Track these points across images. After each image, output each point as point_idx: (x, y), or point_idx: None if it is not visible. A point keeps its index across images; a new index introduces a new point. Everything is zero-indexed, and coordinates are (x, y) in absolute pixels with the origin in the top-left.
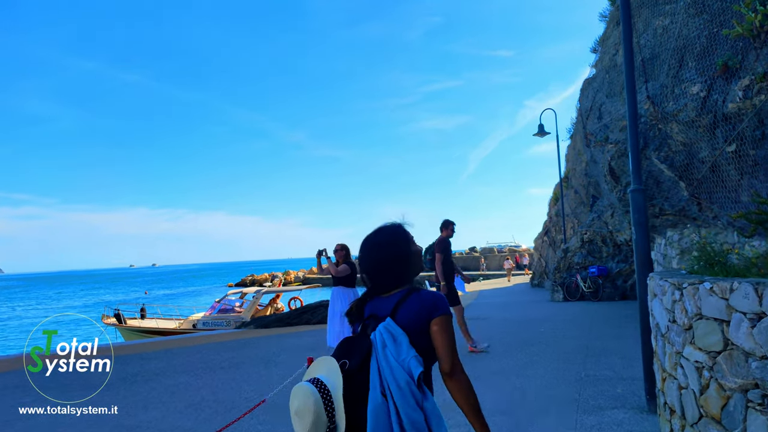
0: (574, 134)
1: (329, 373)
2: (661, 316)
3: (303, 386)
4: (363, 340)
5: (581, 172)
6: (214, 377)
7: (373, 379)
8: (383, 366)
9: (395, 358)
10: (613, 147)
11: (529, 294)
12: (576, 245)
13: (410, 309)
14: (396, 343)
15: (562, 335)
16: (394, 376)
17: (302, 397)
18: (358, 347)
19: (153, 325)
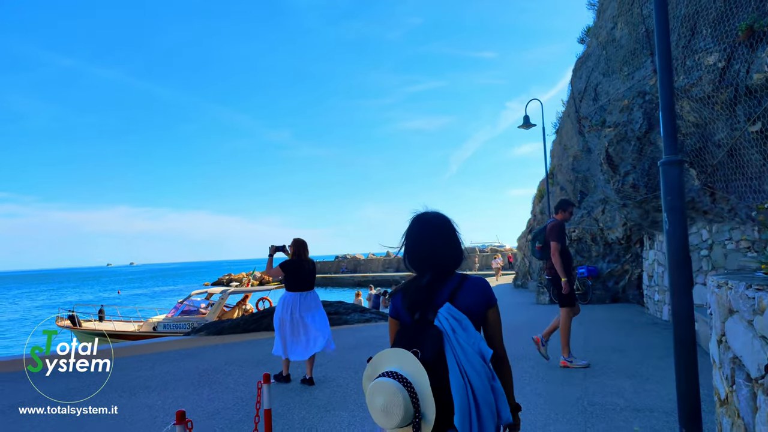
0: (560, 129)
1: (406, 365)
2: (751, 350)
3: (385, 382)
4: (428, 328)
5: (567, 168)
6: (123, 402)
7: (452, 365)
8: (458, 351)
9: (466, 342)
10: (611, 131)
11: (513, 295)
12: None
13: (469, 295)
14: (463, 327)
15: (555, 347)
16: (470, 360)
17: (389, 394)
18: (428, 336)
19: (110, 328)
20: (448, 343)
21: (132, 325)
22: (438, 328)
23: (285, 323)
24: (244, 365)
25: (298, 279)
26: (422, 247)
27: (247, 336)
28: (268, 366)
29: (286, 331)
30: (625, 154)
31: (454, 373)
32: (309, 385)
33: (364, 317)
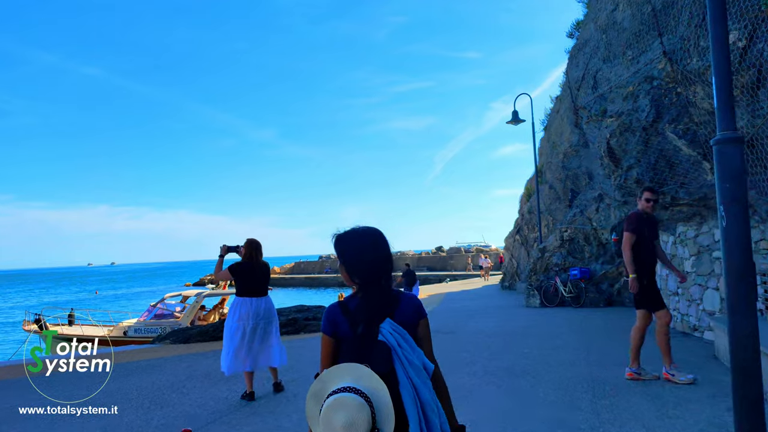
0: (549, 126)
1: (364, 379)
2: None
3: (348, 398)
4: (375, 342)
5: (557, 165)
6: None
7: (402, 379)
8: (406, 365)
9: (412, 356)
10: (613, 121)
11: (500, 297)
12: (554, 244)
13: (405, 309)
14: (407, 341)
15: (554, 359)
16: (417, 374)
17: (353, 410)
18: (377, 351)
19: (77, 333)
20: (396, 358)
21: (102, 329)
22: (385, 342)
23: (237, 332)
24: (206, 381)
25: (249, 283)
26: (367, 262)
27: (217, 344)
28: (232, 382)
29: (237, 342)
30: (628, 146)
31: (405, 387)
32: (278, 391)
33: None
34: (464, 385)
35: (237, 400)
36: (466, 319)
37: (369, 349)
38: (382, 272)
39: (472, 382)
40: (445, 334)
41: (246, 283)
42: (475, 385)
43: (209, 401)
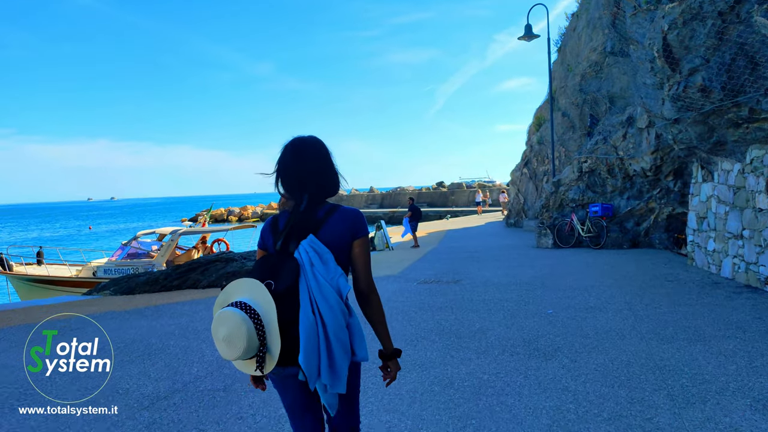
0: (563, 47)
1: (256, 296)
2: None
3: (230, 312)
4: (287, 259)
5: (573, 89)
6: None
7: (304, 299)
8: (312, 285)
9: (323, 276)
10: (675, 6)
11: (506, 236)
12: (571, 177)
13: (335, 226)
14: (323, 261)
15: (591, 326)
16: (324, 295)
17: (232, 325)
18: (285, 267)
19: (44, 273)
20: (303, 276)
21: (71, 269)
22: (296, 260)
23: None
24: (139, 360)
25: None
26: (292, 173)
27: (167, 297)
28: (181, 357)
29: None
30: (694, 40)
31: (305, 308)
32: None
33: None
34: (474, 372)
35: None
36: (471, 264)
37: (279, 266)
38: (307, 185)
39: (486, 367)
40: (448, 285)
41: None
42: (491, 373)
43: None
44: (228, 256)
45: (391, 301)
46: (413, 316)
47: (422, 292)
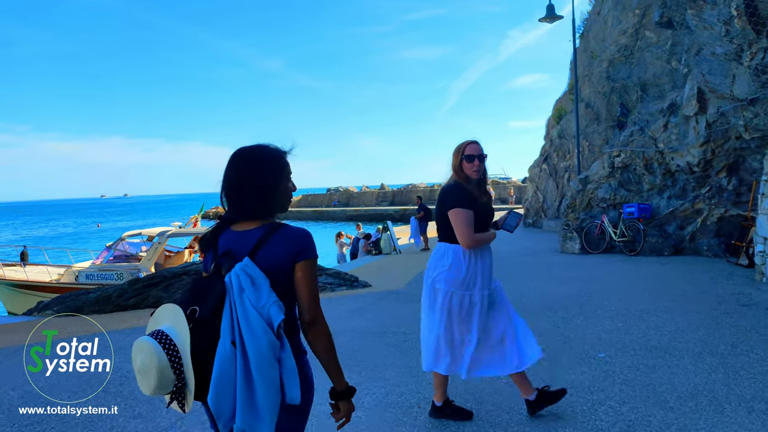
0: (585, 33)
1: (175, 323)
2: None
3: (144, 342)
4: (216, 282)
5: (600, 77)
6: None
7: (225, 327)
8: (239, 313)
9: (253, 304)
10: None
11: (525, 238)
12: (601, 173)
13: (274, 249)
14: (255, 286)
15: (668, 385)
16: (250, 324)
17: (145, 355)
18: (212, 291)
19: (21, 278)
20: (229, 303)
21: (52, 272)
22: (224, 284)
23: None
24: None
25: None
26: (224, 182)
27: (121, 319)
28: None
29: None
30: None
31: (224, 338)
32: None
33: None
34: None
35: None
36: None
37: (206, 289)
38: (245, 200)
39: None
40: None
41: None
42: None
43: None
44: (198, 267)
45: (390, 332)
46: (416, 359)
47: None
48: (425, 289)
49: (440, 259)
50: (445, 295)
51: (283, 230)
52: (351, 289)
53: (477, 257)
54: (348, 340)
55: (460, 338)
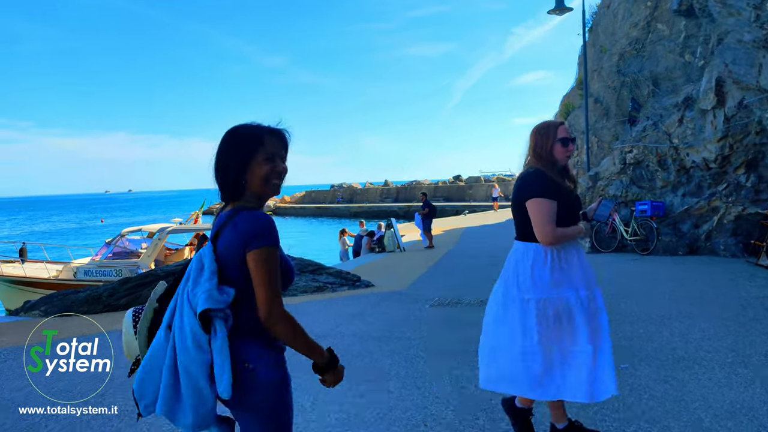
0: (594, 27)
1: (150, 301)
2: None
3: (127, 312)
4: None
5: (609, 71)
6: None
7: (167, 312)
8: (181, 298)
9: (190, 290)
10: None
11: None
12: (612, 170)
13: (227, 235)
14: (200, 273)
15: (701, 400)
16: (182, 311)
17: (123, 323)
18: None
19: (19, 274)
20: (180, 287)
21: (50, 269)
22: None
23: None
24: None
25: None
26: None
27: (109, 320)
28: None
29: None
30: None
31: (163, 322)
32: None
33: (316, 283)
34: None
35: None
36: (497, 274)
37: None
38: (216, 181)
39: None
40: (470, 308)
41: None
42: None
43: None
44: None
45: (393, 337)
46: (422, 368)
47: (436, 322)
48: (500, 298)
49: (520, 262)
50: (538, 305)
51: (241, 215)
52: (353, 289)
53: (563, 254)
54: (348, 345)
55: (560, 356)
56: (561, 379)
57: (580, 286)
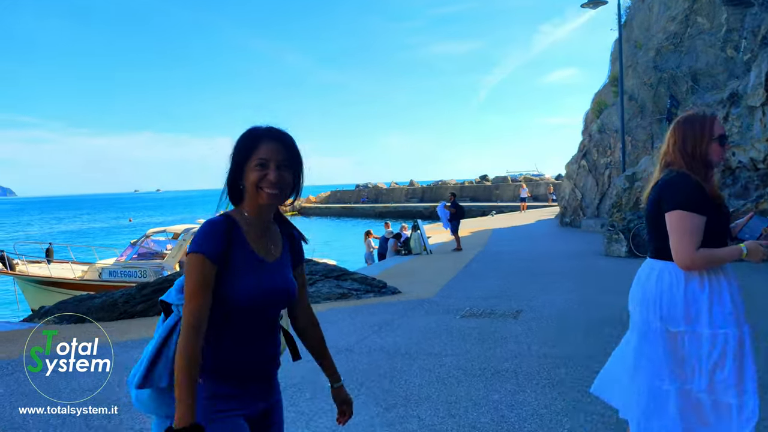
0: (628, 22)
1: None
2: None
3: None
4: None
5: (646, 67)
6: None
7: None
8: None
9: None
10: None
11: (564, 239)
12: (651, 170)
13: None
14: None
15: None
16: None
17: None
18: None
19: (45, 274)
20: None
21: (75, 270)
22: None
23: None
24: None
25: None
26: None
27: (125, 329)
28: None
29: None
30: None
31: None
32: None
33: (340, 290)
34: None
35: None
36: (530, 280)
37: None
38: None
39: None
40: (503, 321)
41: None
42: None
43: None
44: None
45: (423, 352)
46: (456, 391)
47: (468, 336)
48: (639, 326)
49: (661, 287)
50: (692, 340)
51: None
52: (379, 296)
53: (717, 279)
54: (374, 363)
55: (726, 400)
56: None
57: (742, 321)
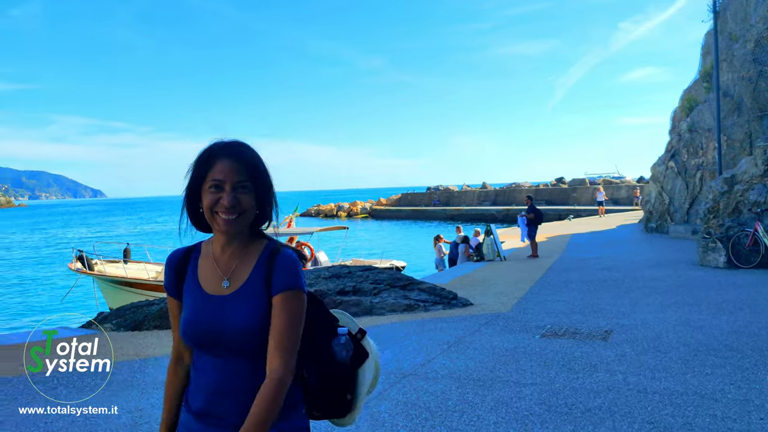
0: (721, 13)
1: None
2: None
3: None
4: None
5: (743, 60)
6: None
7: None
8: None
9: None
10: None
11: (650, 246)
12: (752, 172)
13: None
14: None
15: None
16: None
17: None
18: None
19: (121, 274)
20: None
21: (151, 270)
22: None
23: None
24: None
25: None
26: None
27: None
28: None
29: None
30: None
31: None
32: None
33: (406, 301)
34: None
35: None
36: (618, 294)
37: None
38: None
39: None
40: (590, 343)
41: None
42: None
43: None
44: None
45: (498, 380)
46: (536, 429)
47: (550, 361)
48: None
49: None
50: None
51: None
52: (448, 308)
53: None
54: (443, 392)
55: None
56: None
57: None
